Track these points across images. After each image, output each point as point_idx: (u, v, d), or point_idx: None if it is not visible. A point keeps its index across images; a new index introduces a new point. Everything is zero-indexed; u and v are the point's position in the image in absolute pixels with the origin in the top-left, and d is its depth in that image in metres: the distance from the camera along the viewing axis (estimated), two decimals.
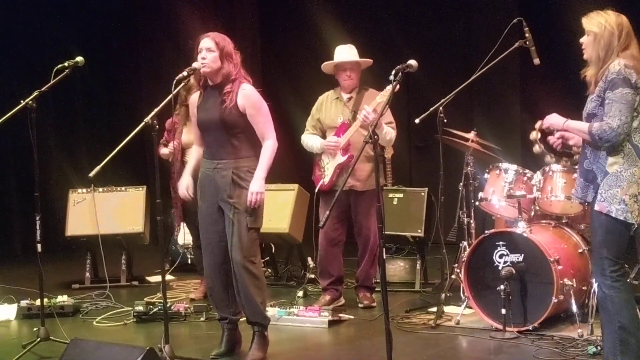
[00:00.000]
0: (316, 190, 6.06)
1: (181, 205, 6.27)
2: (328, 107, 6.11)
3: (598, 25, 4.00)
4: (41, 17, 9.62)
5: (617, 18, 4.02)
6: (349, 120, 5.96)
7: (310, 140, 6.10)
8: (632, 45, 4.00)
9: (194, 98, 4.88)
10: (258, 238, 4.82)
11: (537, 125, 4.53)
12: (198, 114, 4.79)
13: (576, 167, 5.16)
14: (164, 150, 6.58)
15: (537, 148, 5.28)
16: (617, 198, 3.91)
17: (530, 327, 5.13)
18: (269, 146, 4.74)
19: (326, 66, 6.09)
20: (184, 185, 4.93)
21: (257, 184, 4.67)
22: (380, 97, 5.70)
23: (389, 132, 5.85)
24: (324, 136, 6.09)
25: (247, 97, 4.70)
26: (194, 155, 5.02)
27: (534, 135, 5.01)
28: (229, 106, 4.66)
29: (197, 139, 4.99)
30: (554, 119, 4.20)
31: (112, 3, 9.96)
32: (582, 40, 4.08)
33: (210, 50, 4.68)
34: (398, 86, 4.11)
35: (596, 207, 3.96)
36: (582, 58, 4.10)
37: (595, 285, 4.17)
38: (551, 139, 4.30)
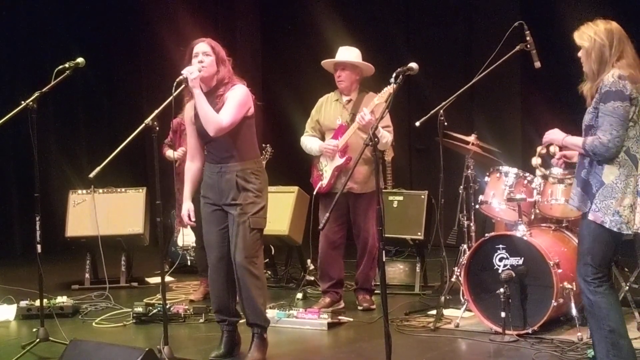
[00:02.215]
0: (314, 192, 6.06)
1: None
2: (327, 108, 6.12)
3: (588, 39, 3.97)
4: (42, 18, 9.63)
5: (606, 26, 3.99)
6: (347, 122, 5.96)
7: (309, 142, 6.10)
8: (626, 51, 3.97)
9: (190, 105, 4.81)
10: (261, 239, 4.82)
11: (539, 149, 4.54)
12: (196, 122, 4.77)
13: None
14: (169, 153, 6.58)
15: (538, 172, 5.31)
16: (611, 209, 3.89)
17: (529, 331, 5.13)
18: (217, 116, 4.60)
19: (326, 64, 6.10)
20: (185, 212, 4.87)
21: (194, 86, 4.57)
22: (378, 99, 5.71)
23: (384, 136, 5.85)
24: (323, 138, 6.09)
25: (232, 90, 4.70)
26: (188, 176, 4.91)
27: (535, 161, 5.03)
28: (220, 109, 4.66)
29: (191, 151, 4.92)
30: (554, 134, 4.17)
31: (114, 5, 9.97)
32: (579, 54, 4.07)
33: (207, 54, 4.68)
34: (395, 86, 4.10)
35: (590, 217, 3.95)
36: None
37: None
38: (553, 161, 4.31)
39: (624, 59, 3.95)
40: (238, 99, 4.68)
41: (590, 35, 3.98)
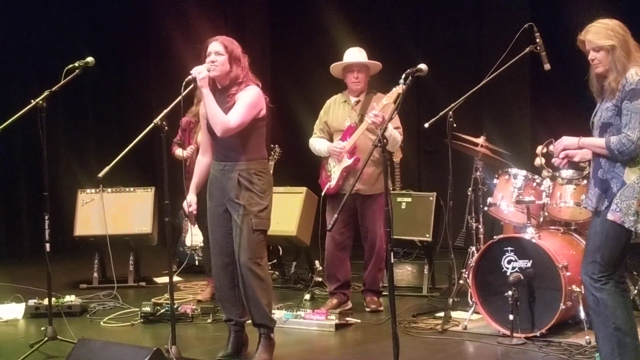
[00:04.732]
0: (322, 194, 6.05)
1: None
2: (336, 110, 6.11)
3: (609, 36, 3.92)
4: (52, 17, 9.66)
5: (615, 22, 3.99)
6: (356, 123, 5.95)
7: (317, 143, 6.10)
8: (637, 46, 3.98)
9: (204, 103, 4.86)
10: (265, 240, 4.82)
11: (539, 150, 4.50)
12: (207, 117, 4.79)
13: (584, 173, 5.16)
14: (178, 152, 6.58)
15: (545, 173, 5.29)
16: (632, 210, 3.87)
17: (537, 334, 5.11)
18: (225, 117, 4.59)
19: (334, 68, 6.09)
20: (186, 203, 4.91)
21: (202, 86, 4.57)
22: (387, 99, 5.70)
23: (395, 136, 5.84)
24: (331, 139, 6.09)
25: (244, 90, 4.70)
26: (198, 169, 4.98)
27: (539, 161, 5.00)
28: (230, 108, 4.67)
29: (203, 145, 4.97)
30: (568, 140, 4.09)
31: (124, 4, 9.99)
32: (592, 56, 3.99)
33: (219, 53, 4.69)
34: (404, 87, 4.09)
35: (610, 217, 3.91)
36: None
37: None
38: (555, 161, 4.25)
39: (639, 53, 3.95)
40: (249, 100, 4.68)
41: (609, 32, 3.94)
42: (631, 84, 3.86)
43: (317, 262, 6.90)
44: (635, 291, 5.33)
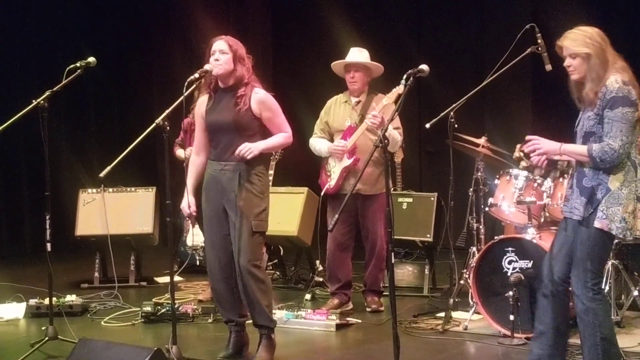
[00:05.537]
0: (322, 194, 6.06)
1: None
2: (336, 110, 6.12)
3: (586, 44, 3.92)
4: (54, 17, 9.66)
5: (594, 30, 3.98)
6: (356, 123, 5.96)
7: (318, 143, 6.10)
8: (615, 55, 3.97)
9: (202, 101, 4.87)
10: (263, 242, 4.82)
11: (518, 147, 4.49)
12: (208, 116, 4.79)
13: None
14: (180, 152, 6.59)
15: (523, 164, 5.31)
16: (618, 216, 3.88)
17: None
18: (283, 135, 4.82)
19: (335, 67, 6.10)
20: (185, 204, 4.88)
21: (255, 146, 4.68)
22: (387, 100, 5.71)
23: (395, 137, 5.84)
24: (332, 139, 6.09)
25: (262, 102, 4.72)
26: (192, 169, 4.94)
27: (517, 154, 5.01)
28: (242, 109, 4.67)
29: (198, 145, 4.95)
30: (549, 146, 4.05)
31: (125, 4, 9.99)
32: (568, 63, 3.99)
33: (223, 52, 4.69)
34: (405, 88, 4.09)
35: (597, 225, 3.91)
36: None
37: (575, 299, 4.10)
38: (534, 158, 4.23)
39: (617, 62, 3.94)
40: (274, 106, 4.80)
41: (587, 41, 3.93)
42: (612, 92, 3.86)
43: (317, 262, 6.91)
44: (637, 292, 5.32)
